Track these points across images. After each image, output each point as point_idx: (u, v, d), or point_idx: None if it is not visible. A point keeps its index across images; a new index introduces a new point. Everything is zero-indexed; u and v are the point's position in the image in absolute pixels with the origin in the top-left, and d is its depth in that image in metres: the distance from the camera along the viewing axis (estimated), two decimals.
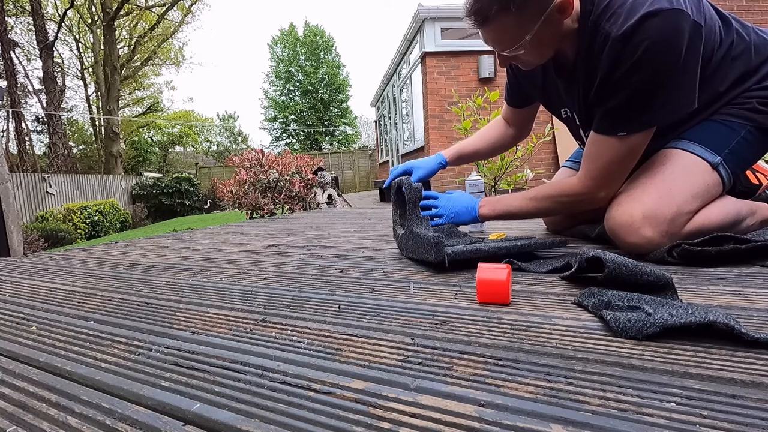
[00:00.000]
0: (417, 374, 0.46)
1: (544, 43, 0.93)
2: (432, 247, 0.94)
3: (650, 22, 0.79)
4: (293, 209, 4.95)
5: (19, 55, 14.71)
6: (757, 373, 0.42)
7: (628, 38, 0.82)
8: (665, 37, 0.80)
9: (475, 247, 0.97)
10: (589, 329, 0.56)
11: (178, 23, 18.22)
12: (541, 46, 0.94)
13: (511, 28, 0.89)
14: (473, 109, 3.66)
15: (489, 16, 0.88)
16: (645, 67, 0.82)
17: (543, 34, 0.90)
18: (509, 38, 0.91)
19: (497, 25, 0.90)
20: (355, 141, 27.41)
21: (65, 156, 13.73)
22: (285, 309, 0.74)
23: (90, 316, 0.77)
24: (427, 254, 0.97)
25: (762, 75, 0.97)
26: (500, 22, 0.89)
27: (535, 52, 0.95)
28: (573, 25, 0.93)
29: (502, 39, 0.93)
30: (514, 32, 0.90)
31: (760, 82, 0.97)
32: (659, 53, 0.81)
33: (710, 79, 0.94)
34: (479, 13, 0.89)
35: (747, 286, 0.71)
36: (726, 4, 5.76)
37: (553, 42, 0.95)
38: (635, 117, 0.89)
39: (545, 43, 0.93)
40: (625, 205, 0.94)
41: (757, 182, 1.21)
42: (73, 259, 1.50)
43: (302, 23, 38.42)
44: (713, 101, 0.98)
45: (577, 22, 0.93)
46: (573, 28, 0.93)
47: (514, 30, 0.89)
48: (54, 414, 0.43)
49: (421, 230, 1.04)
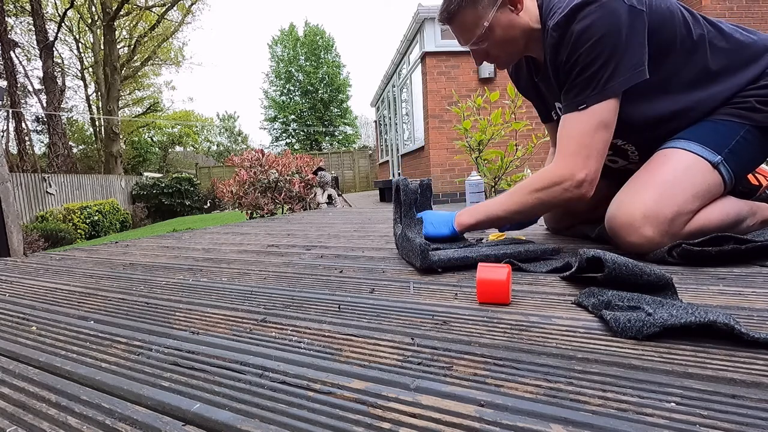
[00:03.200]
0: (417, 374, 0.46)
1: (505, 36, 1.04)
2: (418, 254, 0.94)
3: (580, 8, 0.90)
4: (293, 209, 4.95)
5: (19, 55, 14.73)
6: (757, 373, 0.42)
7: (562, 26, 0.94)
8: (597, 17, 0.89)
9: (462, 255, 0.96)
10: (589, 329, 0.56)
11: (178, 23, 18.22)
12: (503, 39, 1.04)
13: (470, 20, 1.03)
14: (473, 109, 3.66)
15: (452, 13, 1.04)
16: (584, 45, 0.91)
17: (500, 23, 1.02)
18: (471, 28, 1.04)
19: (459, 19, 1.04)
20: (355, 141, 27.41)
21: (65, 156, 13.72)
22: (285, 309, 0.74)
23: (90, 316, 0.77)
24: (414, 260, 0.97)
25: (756, 75, 0.98)
26: (461, 16, 1.04)
27: (499, 45, 1.06)
28: (533, 25, 1.04)
29: (465, 30, 1.05)
30: (474, 22, 1.03)
31: (755, 82, 0.98)
32: (594, 29, 0.89)
33: (692, 55, 0.98)
34: (444, 12, 1.05)
35: (747, 286, 0.71)
36: (726, 4, 5.76)
37: (515, 37, 1.05)
38: (589, 87, 0.93)
39: (506, 35, 1.04)
40: (626, 205, 0.94)
41: (758, 183, 1.21)
42: (73, 259, 1.50)
43: (302, 23, 38.46)
44: (707, 80, 0.99)
45: (537, 23, 1.04)
46: (534, 28, 1.04)
47: (473, 20, 1.03)
48: (54, 414, 0.43)
49: (412, 234, 1.03)
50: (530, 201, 1.00)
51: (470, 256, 0.96)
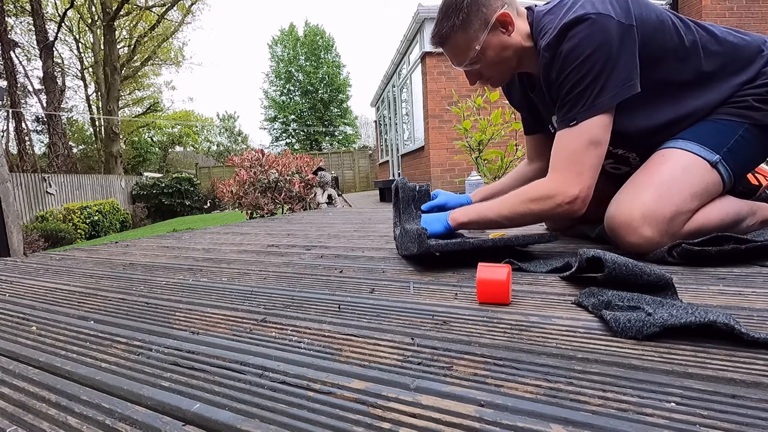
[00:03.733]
0: (417, 374, 0.46)
1: (498, 57, 1.06)
2: (415, 238, 0.94)
3: (569, 28, 0.92)
4: (293, 209, 4.95)
5: (19, 55, 14.73)
6: (757, 373, 0.42)
7: (553, 46, 0.95)
8: (586, 35, 0.90)
9: (459, 240, 0.96)
10: (589, 329, 0.56)
11: (178, 23, 18.22)
12: (496, 60, 1.06)
13: (462, 43, 1.05)
14: (473, 109, 3.66)
15: (444, 37, 1.06)
16: (573, 63, 0.92)
17: (491, 45, 1.04)
18: (463, 51, 1.06)
19: (452, 43, 1.06)
20: (355, 141, 27.41)
21: (65, 156, 13.72)
22: (285, 309, 0.74)
23: (90, 316, 0.77)
24: (412, 246, 0.97)
25: (752, 76, 0.99)
26: (453, 40, 1.06)
27: (491, 66, 1.08)
28: (526, 43, 1.06)
29: (458, 53, 1.08)
30: (466, 45, 1.05)
31: (752, 82, 0.98)
32: (583, 47, 0.91)
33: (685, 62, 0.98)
34: (437, 36, 1.08)
35: (747, 286, 0.71)
36: (726, 4, 5.76)
37: (507, 56, 1.06)
38: (579, 104, 0.94)
39: (498, 56, 1.06)
40: (625, 205, 0.94)
41: (757, 183, 1.21)
42: (73, 259, 1.50)
43: (302, 23, 38.42)
44: (702, 85, 1.00)
45: (529, 41, 1.05)
46: (527, 46, 1.06)
47: (465, 45, 1.05)
48: (54, 414, 0.43)
49: (409, 226, 1.04)
50: (522, 210, 1.01)
51: (468, 240, 0.97)
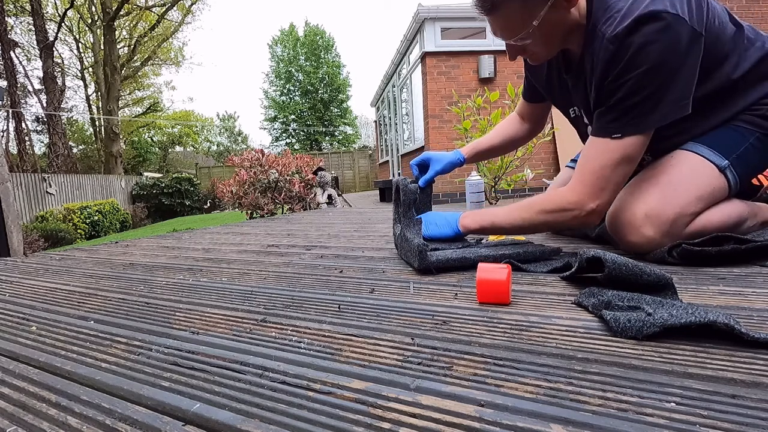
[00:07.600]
0: (417, 374, 0.46)
1: (551, 33, 0.93)
2: (416, 254, 0.94)
3: (643, 24, 0.80)
4: (293, 209, 4.95)
5: (19, 55, 14.72)
6: (757, 373, 0.42)
7: (621, 40, 0.83)
8: (657, 40, 0.80)
9: (461, 255, 0.96)
10: (589, 329, 0.56)
11: (178, 23, 18.22)
12: (549, 37, 0.93)
13: (518, 14, 0.89)
14: (473, 109, 3.66)
15: (496, 3, 0.88)
16: (636, 69, 0.83)
17: (550, 21, 0.90)
18: (516, 25, 0.90)
19: (504, 11, 0.89)
20: (355, 141, 27.40)
21: (65, 156, 13.71)
22: (285, 309, 0.74)
23: (90, 316, 0.77)
24: (412, 260, 0.98)
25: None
26: (506, 9, 0.89)
27: (542, 43, 0.95)
28: (581, 20, 0.93)
29: (509, 26, 0.92)
30: (521, 18, 0.89)
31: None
32: (651, 56, 0.81)
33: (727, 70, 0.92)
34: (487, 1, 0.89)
35: (747, 286, 0.71)
36: (726, 4, 5.76)
37: (560, 33, 0.94)
38: (627, 116, 0.88)
39: (552, 33, 0.93)
40: (628, 203, 0.94)
41: (758, 184, 1.21)
42: (73, 259, 1.50)
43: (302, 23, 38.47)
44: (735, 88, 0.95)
45: (584, 18, 0.93)
46: (580, 23, 0.93)
47: (521, 16, 0.89)
48: (54, 414, 0.43)
49: (410, 235, 1.03)
50: (536, 220, 0.98)
51: (469, 257, 0.96)
